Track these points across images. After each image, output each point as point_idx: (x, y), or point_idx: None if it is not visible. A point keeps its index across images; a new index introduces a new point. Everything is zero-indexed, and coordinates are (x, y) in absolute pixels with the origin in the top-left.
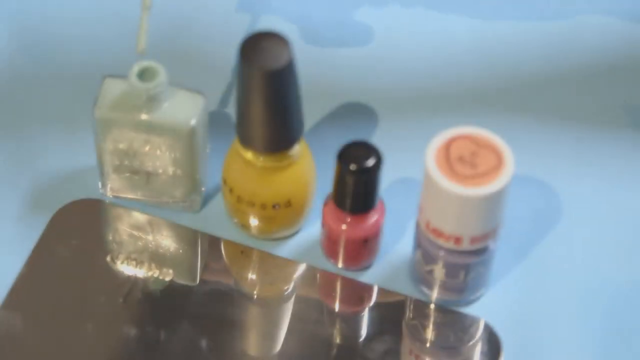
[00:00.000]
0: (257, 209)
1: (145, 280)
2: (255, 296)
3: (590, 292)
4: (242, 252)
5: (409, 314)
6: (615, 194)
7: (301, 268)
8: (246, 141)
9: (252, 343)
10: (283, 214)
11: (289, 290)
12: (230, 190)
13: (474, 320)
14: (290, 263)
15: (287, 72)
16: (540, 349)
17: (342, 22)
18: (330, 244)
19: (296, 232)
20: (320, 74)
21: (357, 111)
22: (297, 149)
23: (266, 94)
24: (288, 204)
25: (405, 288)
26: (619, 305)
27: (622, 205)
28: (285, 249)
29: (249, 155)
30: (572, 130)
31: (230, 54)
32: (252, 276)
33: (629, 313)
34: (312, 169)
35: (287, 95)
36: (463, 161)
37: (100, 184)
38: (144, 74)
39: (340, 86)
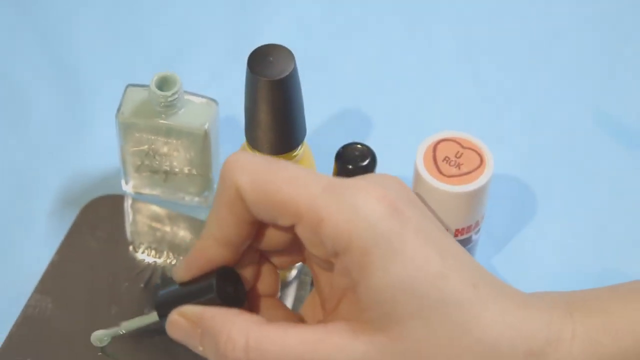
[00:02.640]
0: None
1: (163, 268)
2: None
3: (562, 279)
4: None
5: None
6: (586, 190)
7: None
8: (254, 143)
9: None
10: None
11: (294, 275)
12: None
13: None
14: None
15: (291, 81)
16: None
17: (341, 32)
18: None
19: None
20: (321, 82)
21: (354, 115)
22: (300, 150)
23: (272, 101)
24: None
25: None
26: None
27: (592, 200)
28: None
29: (257, 153)
30: (546, 133)
31: (240, 64)
32: None
33: None
34: (313, 168)
35: (291, 102)
36: (448, 161)
37: (123, 182)
38: (162, 83)
39: (339, 92)
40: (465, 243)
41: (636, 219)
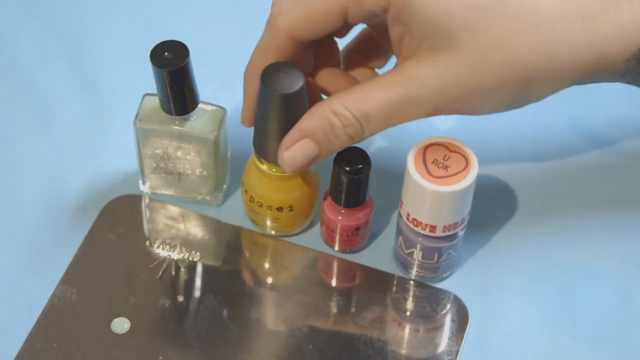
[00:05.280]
0: (265, 209)
1: (177, 261)
2: (267, 274)
3: (540, 270)
4: (257, 239)
5: (392, 288)
6: (561, 189)
7: (305, 251)
8: (262, 151)
9: (264, 312)
10: (286, 216)
11: (295, 269)
12: (246, 191)
13: (445, 294)
14: (295, 247)
15: (299, 95)
16: (499, 316)
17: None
18: (328, 231)
19: (299, 231)
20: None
21: None
22: None
23: (282, 113)
24: (290, 208)
25: (390, 267)
26: (563, 281)
27: (568, 198)
28: (292, 236)
29: (264, 166)
30: (526, 138)
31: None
32: (264, 258)
33: (570, 288)
34: (314, 179)
35: (299, 115)
36: (437, 163)
37: (140, 182)
38: None
39: None
40: (452, 238)
41: (607, 214)
